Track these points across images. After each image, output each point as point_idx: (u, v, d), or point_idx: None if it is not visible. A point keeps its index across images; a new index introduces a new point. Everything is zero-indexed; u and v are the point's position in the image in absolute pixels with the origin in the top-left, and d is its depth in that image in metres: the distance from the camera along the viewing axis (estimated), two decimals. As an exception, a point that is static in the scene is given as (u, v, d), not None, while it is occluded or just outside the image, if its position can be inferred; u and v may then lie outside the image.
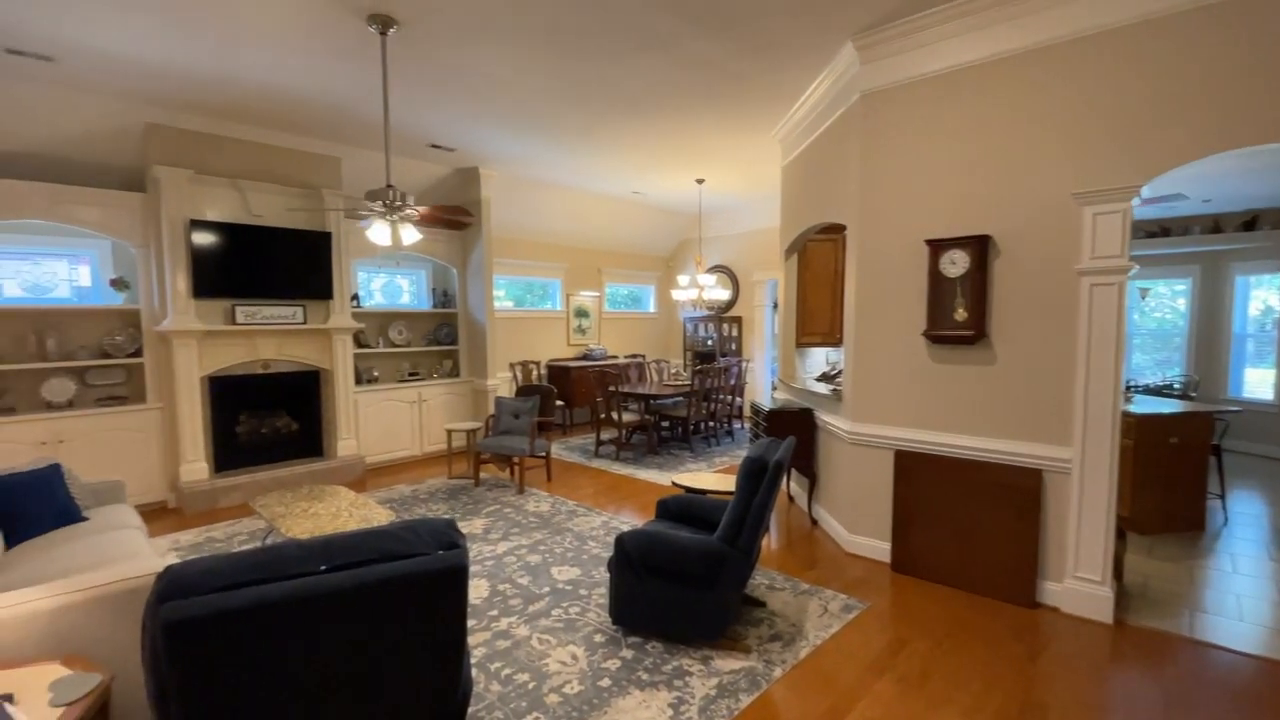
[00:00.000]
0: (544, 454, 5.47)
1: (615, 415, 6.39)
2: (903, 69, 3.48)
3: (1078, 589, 3.07)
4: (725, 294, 8.22)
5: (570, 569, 3.64)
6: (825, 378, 5.24)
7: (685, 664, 2.63)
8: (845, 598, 3.26)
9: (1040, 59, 3.04)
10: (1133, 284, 7.06)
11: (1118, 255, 2.87)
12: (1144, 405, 4.42)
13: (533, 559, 3.79)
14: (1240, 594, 3.27)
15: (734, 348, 9.06)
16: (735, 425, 7.94)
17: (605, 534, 4.21)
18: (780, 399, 5.16)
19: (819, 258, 5.02)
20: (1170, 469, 4.13)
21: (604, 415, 6.57)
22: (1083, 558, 3.05)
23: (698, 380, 6.63)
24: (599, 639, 2.84)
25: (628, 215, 8.52)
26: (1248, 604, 3.16)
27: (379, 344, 6.57)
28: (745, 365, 7.94)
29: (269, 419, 5.55)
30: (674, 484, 4.15)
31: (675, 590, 2.74)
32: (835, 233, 4.77)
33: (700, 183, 7.00)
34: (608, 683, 2.50)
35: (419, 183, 6.45)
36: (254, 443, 5.43)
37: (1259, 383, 6.71)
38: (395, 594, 1.65)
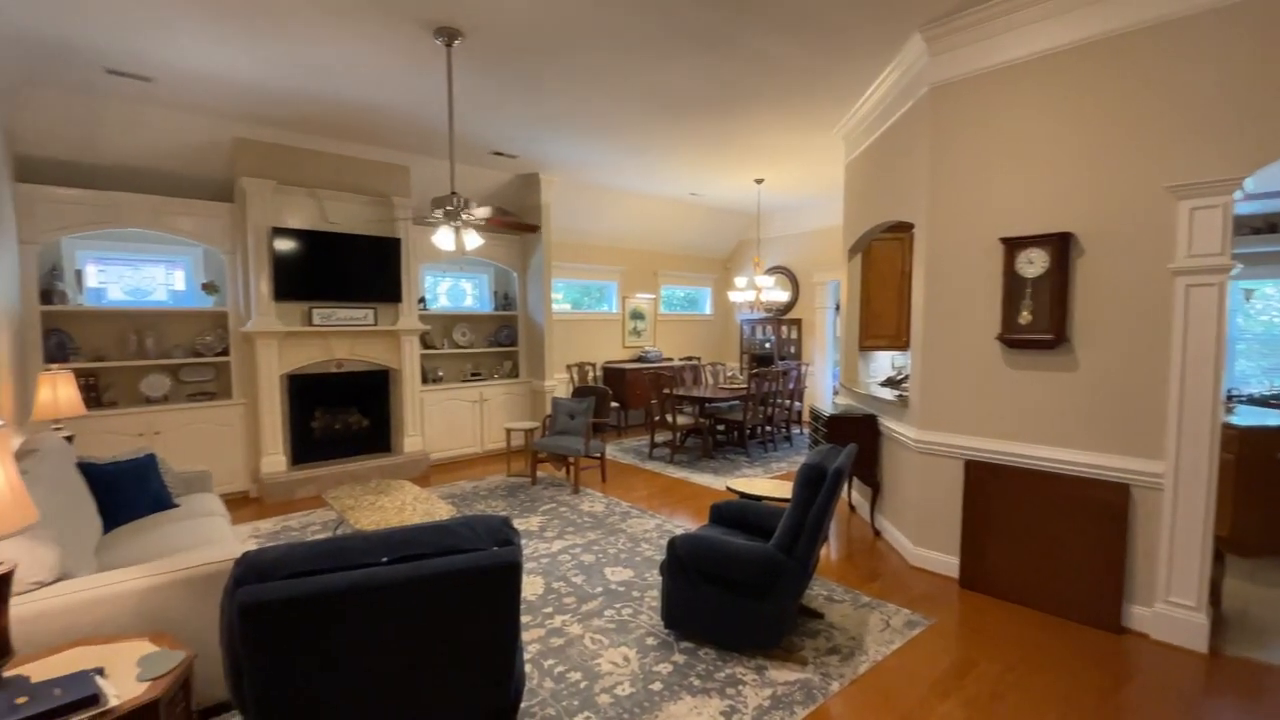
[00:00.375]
0: (599, 455, 5.51)
1: (670, 418, 6.37)
2: (975, 60, 3.32)
3: (1169, 614, 2.82)
4: (784, 296, 8.04)
5: (623, 570, 3.64)
6: (890, 383, 5.04)
7: (738, 672, 2.58)
8: (909, 613, 3.12)
9: (1130, 43, 2.82)
10: (1235, 284, 6.46)
11: (1217, 253, 2.63)
12: (1248, 416, 4.02)
13: (586, 558, 3.82)
14: (1367, 630, 2.93)
15: (793, 351, 8.87)
16: (794, 431, 7.76)
17: (659, 537, 4.19)
18: (842, 404, 5.00)
19: (885, 257, 4.84)
20: (1277, 486, 3.74)
21: (658, 418, 6.56)
22: (1175, 580, 2.80)
23: (755, 384, 6.53)
24: (651, 642, 2.83)
25: (685, 217, 8.49)
26: (1376, 641, 2.82)
27: (444, 345, 6.81)
28: (805, 369, 7.75)
29: (341, 415, 5.83)
30: (729, 489, 4.09)
31: (729, 597, 2.69)
32: (902, 231, 4.59)
33: (759, 183, 6.90)
34: (659, 686, 2.48)
35: (482, 189, 6.64)
36: (328, 438, 5.72)
37: (1390, 394, 6.00)
38: (451, 587, 1.69)
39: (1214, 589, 2.83)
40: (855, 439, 4.23)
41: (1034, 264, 3.13)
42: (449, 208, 3.63)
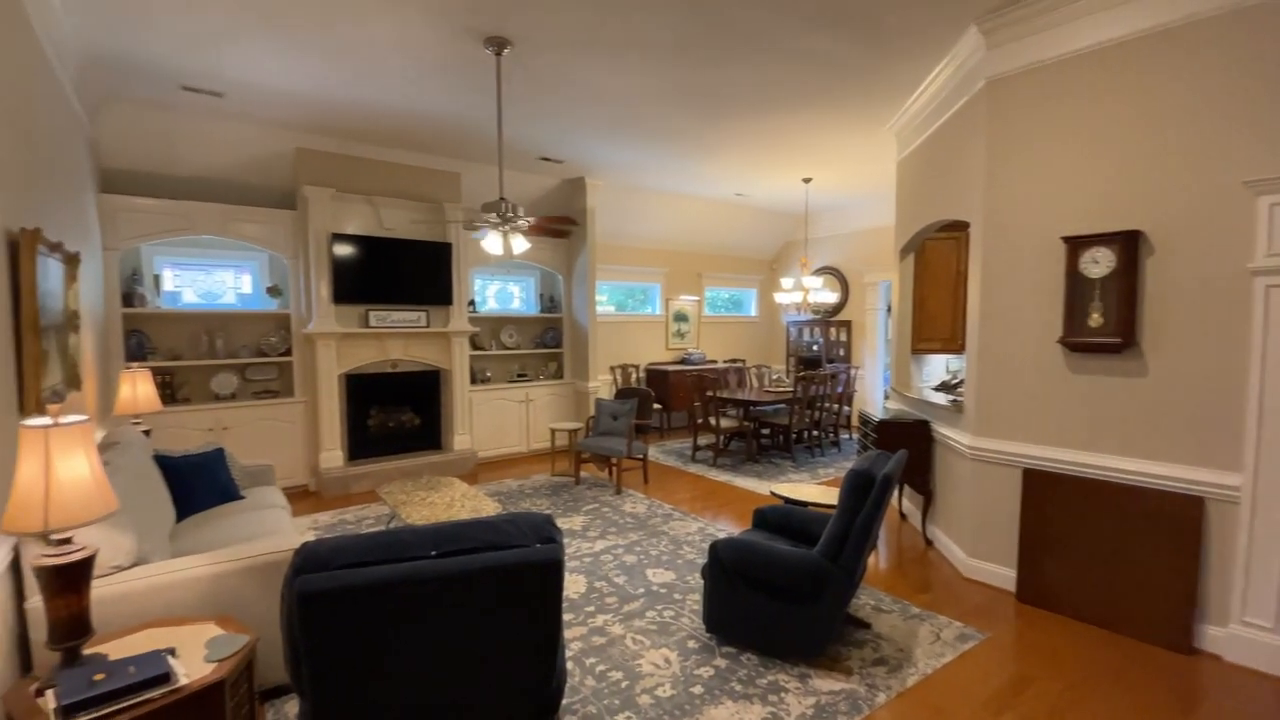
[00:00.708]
0: (641, 456, 5.52)
1: (713, 420, 6.33)
2: (1034, 51, 3.18)
3: (1245, 635, 2.63)
4: (833, 297, 7.89)
5: (665, 572, 3.65)
6: (944, 387, 4.88)
7: (781, 679, 2.55)
8: (961, 626, 3.01)
9: (1203, 30, 2.65)
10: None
11: (1307, 251, 2.45)
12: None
13: (629, 559, 3.84)
14: None
15: (842, 353, 8.68)
16: (842, 436, 7.60)
17: (701, 540, 4.18)
18: (893, 409, 4.87)
19: (939, 257, 4.69)
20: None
21: (701, 420, 6.53)
22: (1253, 600, 2.61)
23: (801, 387, 6.42)
24: (692, 645, 2.82)
25: (730, 218, 8.43)
26: None
27: (492, 346, 6.97)
28: (854, 372, 7.58)
29: (395, 414, 6.03)
30: (773, 493, 4.03)
31: (772, 603, 2.66)
32: (957, 230, 4.44)
33: (807, 182, 6.79)
34: (700, 690, 2.48)
35: (529, 194, 6.76)
36: (382, 435, 5.93)
37: None
38: (496, 581, 1.73)
39: (1301, 612, 2.63)
40: (906, 445, 4.11)
41: (1099, 264, 2.98)
42: (497, 213, 3.72)
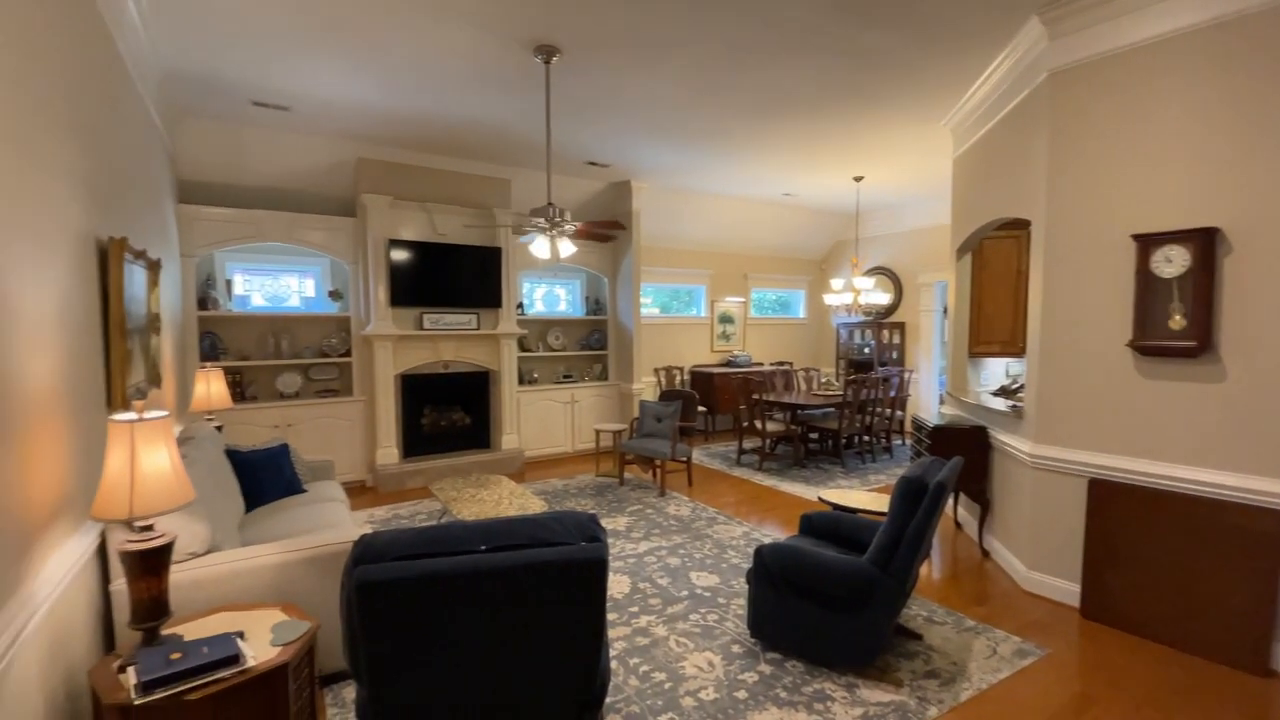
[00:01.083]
0: (685, 459, 5.51)
1: (759, 424, 6.26)
2: (1100, 42, 3.03)
3: (1348, 668, 2.43)
4: (885, 298, 7.67)
5: (709, 576, 3.63)
6: (1004, 392, 4.69)
7: (827, 688, 2.50)
8: (1019, 640, 2.88)
9: (1297, 8, 2.47)
10: None
11: None
12: None
13: (672, 561, 3.84)
14: None
15: (895, 356, 8.44)
16: (895, 441, 7.39)
17: (745, 545, 4.14)
18: (948, 414, 4.71)
19: (998, 257, 4.52)
20: None
21: (747, 423, 6.46)
22: (1357, 629, 2.41)
23: (851, 391, 6.28)
24: (736, 649, 2.80)
25: (777, 218, 8.33)
26: None
27: (539, 348, 7.09)
28: (908, 376, 7.36)
29: (447, 413, 6.21)
30: (821, 499, 3.96)
31: (819, 610, 2.61)
32: (1017, 229, 4.26)
33: (858, 180, 6.64)
34: (744, 695, 2.45)
35: (576, 198, 6.85)
36: (434, 433, 6.11)
37: None
38: (542, 577, 1.76)
39: None
40: (962, 452, 3.97)
41: (1172, 263, 2.81)
42: (545, 218, 3.79)
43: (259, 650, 1.81)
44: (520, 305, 6.82)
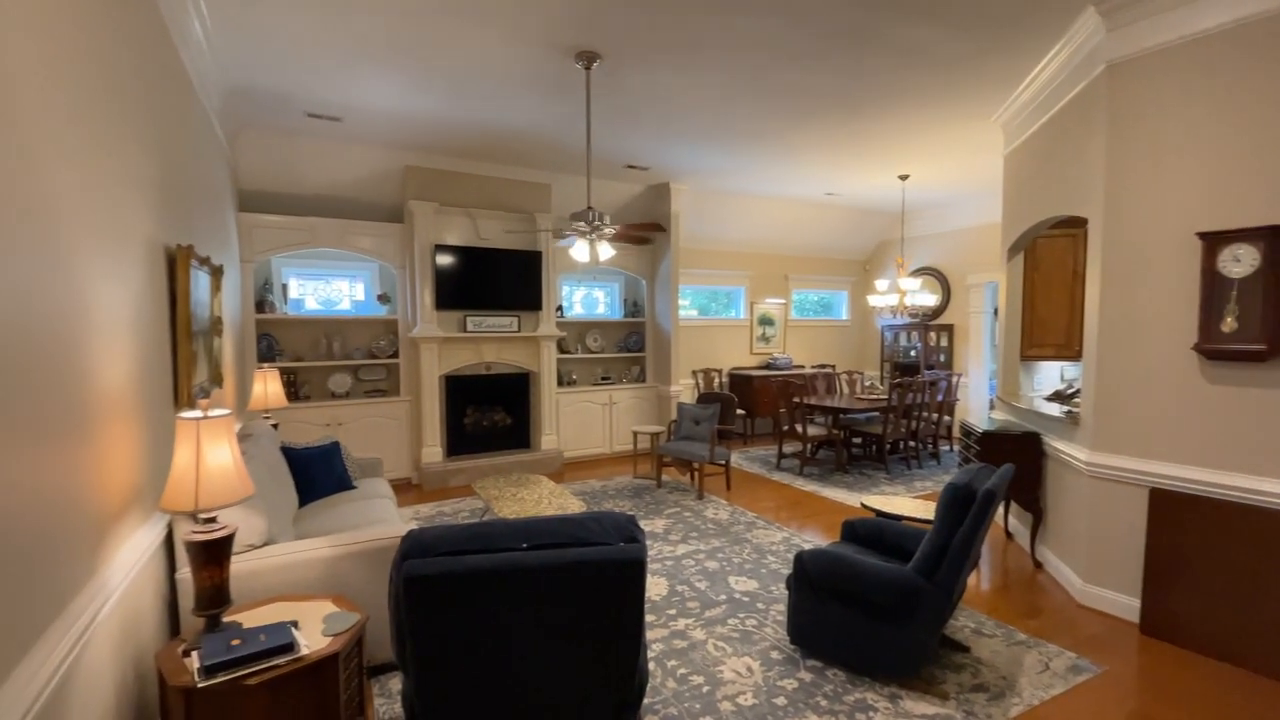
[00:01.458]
0: (724, 462, 5.48)
1: (800, 428, 6.17)
2: (1161, 31, 2.89)
3: None
4: (932, 299, 7.46)
5: (748, 580, 3.60)
6: (1058, 397, 4.50)
7: (870, 698, 2.45)
8: (1073, 656, 2.76)
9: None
10: None
11: None
12: None
13: (710, 565, 3.82)
14: None
15: (942, 359, 8.21)
16: (942, 447, 7.18)
17: (785, 550, 4.09)
18: (999, 420, 4.55)
19: (1052, 256, 4.35)
20: None
21: (787, 427, 6.38)
22: None
23: (896, 395, 6.13)
24: (776, 655, 2.77)
25: (819, 218, 8.20)
26: None
27: (577, 350, 7.16)
28: (956, 380, 7.14)
29: (489, 413, 6.34)
30: (864, 505, 3.88)
31: (861, 619, 2.56)
32: (1073, 227, 4.10)
33: (904, 179, 6.48)
34: (783, 702, 2.43)
35: (615, 201, 6.90)
36: (476, 433, 6.25)
37: None
38: (581, 576, 1.79)
39: None
40: (1013, 459, 3.83)
41: (1241, 262, 2.65)
42: (585, 221, 3.84)
43: (311, 640, 1.88)
44: (560, 308, 6.91)
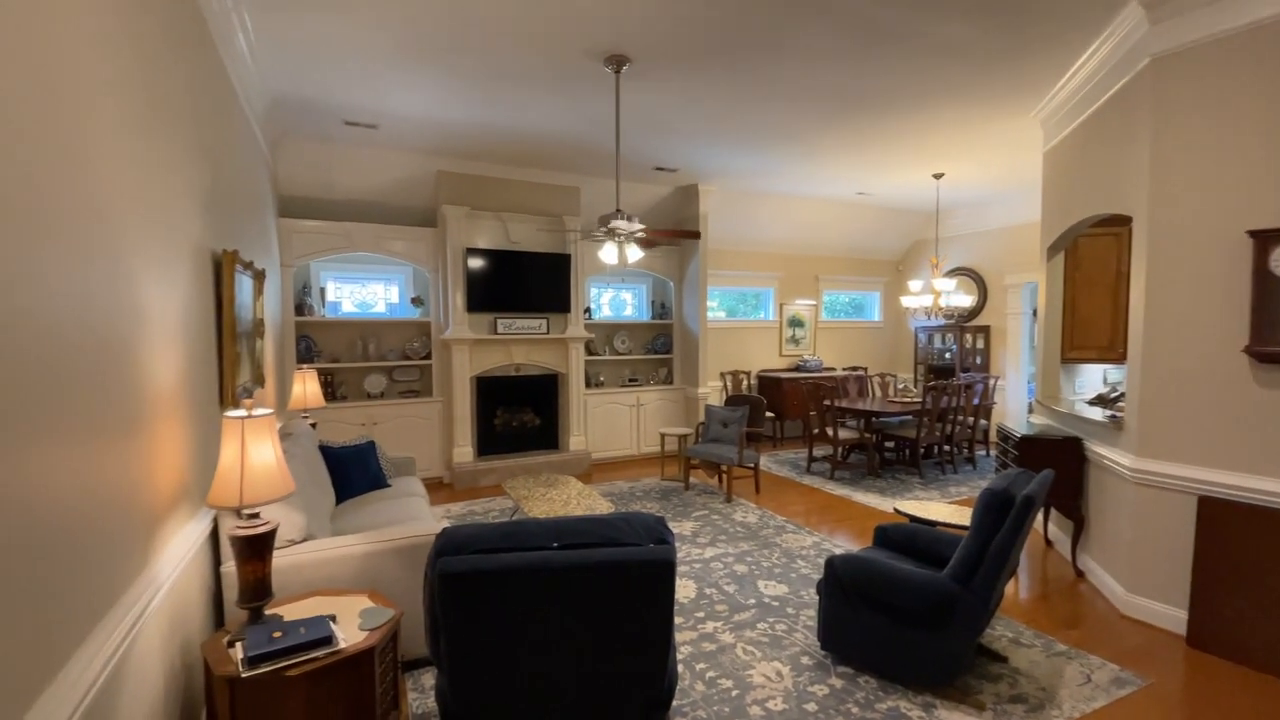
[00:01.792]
0: (752, 465, 5.44)
1: (830, 431, 6.09)
2: (1206, 24, 2.78)
3: None
4: (968, 300, 7.28)
5: (778, 585, 3.57)
6: (1101, 401, 4.36)
7: (903, 706, 2.41)
8: (1116, 669, 2.67)
9: None
10: None
11: None
12: None
13: (739, 569, 3.80)
14: None
15: (979, 362, 8.01)
16: (978, 452, 7.01)
17: (816, 554, 4.04)
18: (1038, 424, 4.43)
19: (1094, 255, 4.22)
20: None
21: (818, 430, 6.30)
22: None
23: (931, 398, 6.01)
24: (806, 661, 2.74)
25: (851, 218, 8.09)
26: None
27: (605, 352, 7.20)
28: (993, 383, 6.97)
29: (518, 414, 6.41)
30: (897, 511, 3.82)
31: (894, 626, 2.52)
32: (1117, 225, 3.97)
33: (939, 178, 6.36)
34: (814, 708, 2.40)
35: (644, 203, 6.92)
36: (506, 433, 6.33)
37: None
38: (611, 576, 1.80)
39: None
40: (1053, 464, 3.73)
41: (1301, 260, 2.54)
42: (613, 224, 3.86)
43: (349, 634, 1.93)
44: (588, 310, 6.96)
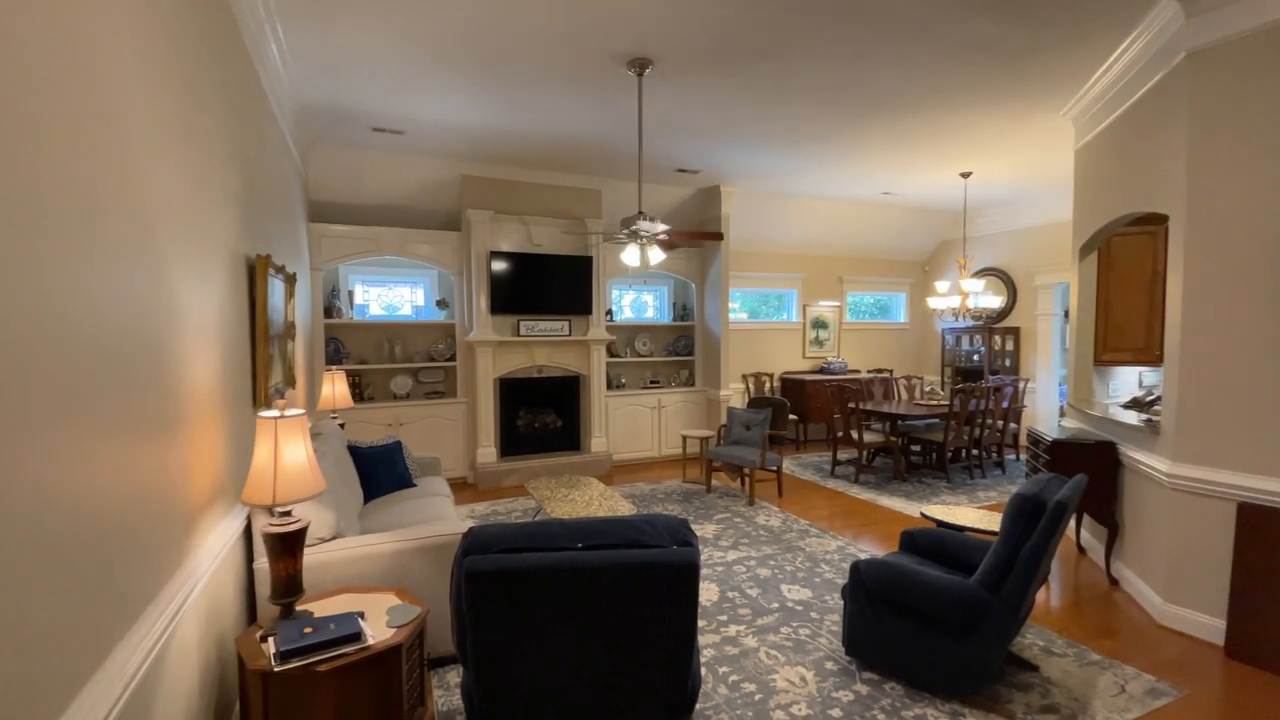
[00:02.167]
0: (775, 468, 5.40)
1: (855, 434, 6.02)
2: (1245, 17, 2.70)
3: None
4: (997, 301, 7.14)
5: (801, 589, 3.54)
6: (1136, 404, 4.24)
7: (930, 714, 2.37)
8: (1152, 679, 2.60)
9: None
10: None
11: None
12: None
13: (762, 572, 3.77)
14: None
15: (1008, 364, 7.85)
16: (1008, 456, 6.86)
17: (840, 559, 4.00)
18: (1070, 427, 4.32)
19: (1128, 255, 4.11)
20: None
21: (842, 433, 6.23)
22: None
23: (958, 400, 5.91)
24: (830, 666, 2.71)
25: (876, 218, 7.99)
26: None
27: (626, 354, 7.21)
28: (1023, 385, 6.82)
29: (540, 415, 6.46)
30: (923, 515, 3.76)
31: (921, 633, 2.48)
32: (1152, 224, 3.86)
33: (966, 176, 6.25)
34: (838, 713, 2.37)
35: (665, 204, 6.92)
36: (528, 434, 6.38)
37: None
38: (635, 577, 1.81)
39: None
40: (1086, 469, 3.64)
41: (1351, 258, 2.44)
42: (635, 226, 3.87)
43: (377, 630, 1.97)
44: (609, 312, 6.98)
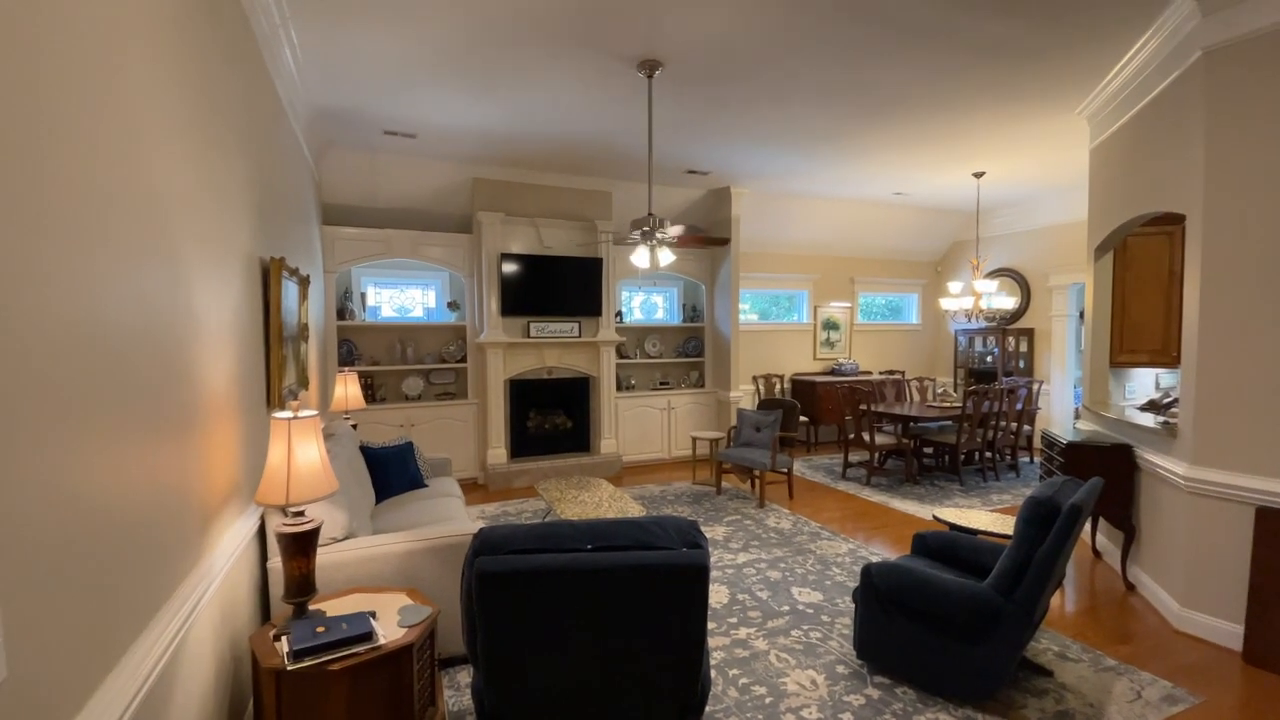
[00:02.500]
0: (786, 470, 5.38)
1: (867, 436, 5.98)
2: (1262, 13, 2.66)
3: None
4: (1010, 302, 7.06)
5: (812, 592, 3.52)
6: (1153, 406, 4.19)
7: (942, 719, 2.35)
8: (1169, 685, 2.56)
9: None
10: None
11: None
12: None
13: (772, 575, 3.76)
14: None
15: (1022, 366, 7.77)
16: (1021, 459, 6.79)
17: (851, 562, 3.97)
18: (1085, 430, 4.27)
19: (1145, 255, 4.05)
20: None
21: (853, 435, 6.20)
22: None
23: (971, 402, 5.85)
24: (841, 670, 2.70)
25: (887, 219, 7.95)
26: None
27: (636, 355, 7.22)
28: (1038, 387, 6.75)
29: (550, 417, 6.48)
30: (935, 518, 3.73)
31: (932, 636, 2.46)
32: (1169, 224, 3.81)
33: (979, 176, 6.20)
34: (849, 718, 2.36)
35: (675, 206, 6.92)
36: (539, 436, 6.40)
37: None
38: (645, 578, 1.81)
39: None
40: (1101, 472, 3.59)
41: (1375, 258, 2.40)
42: (646, 229, 3.87)
43: (388, 630, 1.98)
44: (619, 313, 6.99)
